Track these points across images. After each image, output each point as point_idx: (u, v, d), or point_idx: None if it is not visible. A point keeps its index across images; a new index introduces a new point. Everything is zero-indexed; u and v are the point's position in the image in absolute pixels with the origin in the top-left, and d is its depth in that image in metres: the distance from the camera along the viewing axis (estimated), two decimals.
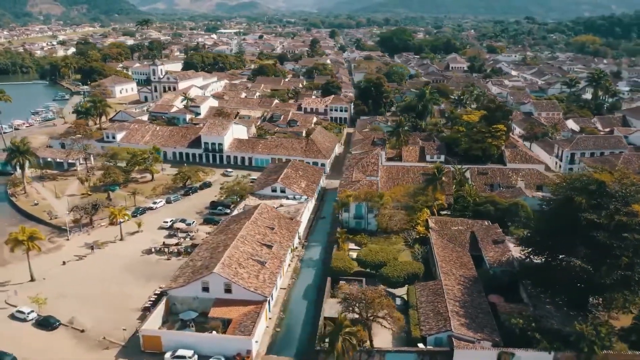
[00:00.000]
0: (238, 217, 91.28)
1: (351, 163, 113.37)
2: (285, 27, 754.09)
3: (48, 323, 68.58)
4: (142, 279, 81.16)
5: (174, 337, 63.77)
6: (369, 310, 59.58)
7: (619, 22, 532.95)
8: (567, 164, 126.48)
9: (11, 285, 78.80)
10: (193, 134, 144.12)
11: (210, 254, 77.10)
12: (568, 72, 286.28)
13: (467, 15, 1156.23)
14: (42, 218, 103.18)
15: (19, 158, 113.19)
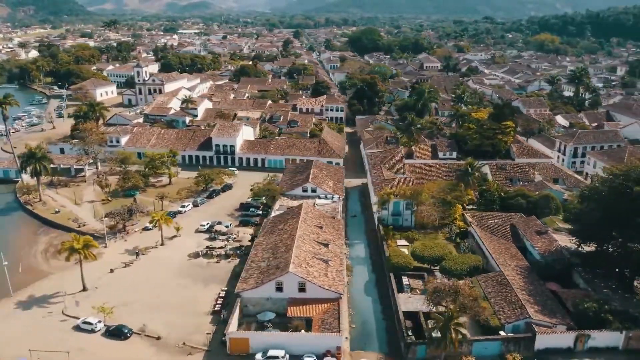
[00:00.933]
0: (283, 218, 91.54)
1: (375, 161, 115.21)
2: (245, 27, 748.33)
3: (120, 332, 67.06)
4: (199, 282, 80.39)
5: (263, 338, 63.85)
6: (458, 302, 61.50)
7: (571, 21, 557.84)
8: (571, 157, 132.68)
9: (63, 296, 76.19)
10: (202, 136, 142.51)
11: (271, 255, 77.27)
12: (537, 70, 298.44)
13: (420, 15, 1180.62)
14: (69, 226, 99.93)
15: (36, 165, 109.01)
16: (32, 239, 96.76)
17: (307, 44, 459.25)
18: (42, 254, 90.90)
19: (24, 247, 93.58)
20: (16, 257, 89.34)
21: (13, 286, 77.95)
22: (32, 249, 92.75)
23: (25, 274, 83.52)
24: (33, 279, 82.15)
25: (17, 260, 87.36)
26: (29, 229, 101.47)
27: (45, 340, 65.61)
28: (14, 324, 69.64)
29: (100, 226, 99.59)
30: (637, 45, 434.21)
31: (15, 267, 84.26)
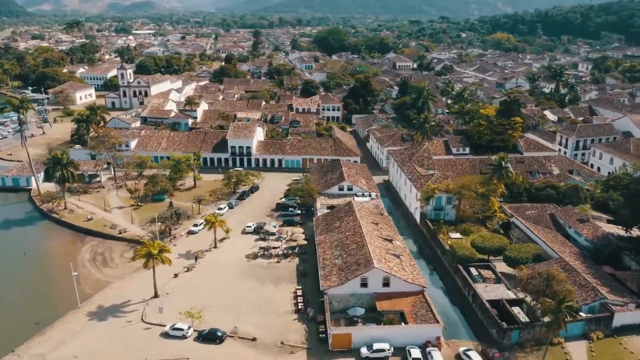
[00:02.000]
0: (334, 216, 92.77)
1: (402, 159, 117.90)
2: (201, 27, 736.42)
3: (215, 336, 66.58)
4: (268, 283, 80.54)
5: (365, 333, 65.12)
6: (549, 287, 64.96)
7: (521, 20, 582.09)
8: (573, 150, 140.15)
9: (142, 303, 74.84)
10: (215, 138, 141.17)
11: (343, 252, 78.50)
12: (505, 67, 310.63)
13: (369, 15, 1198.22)
14: (108, 233, 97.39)
15: (62, 171, 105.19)
16: (71, 248, 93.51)
17: (272, 44, 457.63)
18: (90, 262, 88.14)
19: (67, 256, 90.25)
20: (64, 267, 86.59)
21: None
22: (77, 258, 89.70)
23: (82, 283, 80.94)
24: (92, 288, 79.85)
25: (70, 270, 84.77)
26: (64, 238, 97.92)
27: (139, 350, 64.45)
28: (97, 337, 67.68)
29: (141, 232, 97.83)
30: (587, 43, 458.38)
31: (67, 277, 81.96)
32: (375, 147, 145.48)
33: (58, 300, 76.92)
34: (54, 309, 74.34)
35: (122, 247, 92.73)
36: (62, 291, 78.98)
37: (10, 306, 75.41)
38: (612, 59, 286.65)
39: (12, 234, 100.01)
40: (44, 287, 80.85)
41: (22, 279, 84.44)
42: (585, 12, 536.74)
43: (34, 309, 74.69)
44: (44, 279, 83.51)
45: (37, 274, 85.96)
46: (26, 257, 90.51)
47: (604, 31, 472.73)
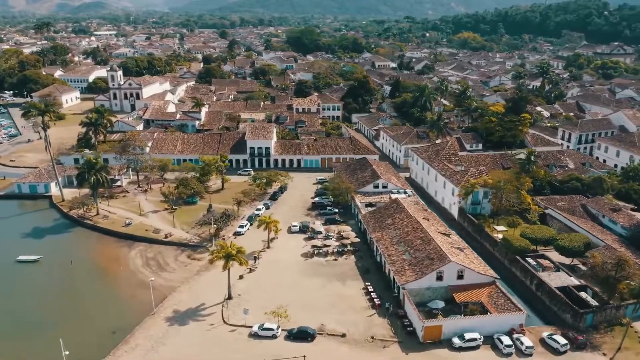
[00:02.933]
0: (383, 213, 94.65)
1: (427, 155, 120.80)
2: (164, 27, 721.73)
3: (306, 334, 67.30)
4: (334, 280, 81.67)
5: (455, 324, 67.34)
6: (620, 271, 68.99)
7: (483, 20, 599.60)
8: (577, 144, 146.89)
9: (211, 306, 74.61)
10: (231, 140, 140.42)
11: (409, 248, 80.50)
12: (480, 66, 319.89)
13: (327, 15, 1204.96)
14: (153, 237, 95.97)
15: (96, 175, 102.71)
16: (119, 254, 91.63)
17: (242, 45, 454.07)
18: (145, 268, 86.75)
19: (117, 263, 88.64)
20: (122, 274, 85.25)
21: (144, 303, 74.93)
22: (129, 264, 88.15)
23: (145, 288, 79.76)
24: (159, 293, 78.69)
25: (128, 276, 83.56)
26: (106, 245, 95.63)
27: (235, 353, 64.64)
28: (185, 342, 67.12)
29: (186, 235, 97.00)
30: (548, 41, 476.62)
31: (129, 283, 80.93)
32: (388, 145, 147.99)
33: (128, 307, 75.69)
34: (126, 316, 73.17)
35: (173, 251, 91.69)
36: (129, 298, 77.95)
37: (82, 316, 73.50)
38: (584, 57, 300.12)
39: (48, 243, 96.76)
40: (108, 294, 79.08)
41: (81, 287, 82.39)
42: (544, 11, 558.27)
43: (105, 317, 73.18)
44: (105, 287, 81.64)
45: (96, 282, 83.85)
46: (73, 265, 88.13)
47: (563, 30, 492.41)
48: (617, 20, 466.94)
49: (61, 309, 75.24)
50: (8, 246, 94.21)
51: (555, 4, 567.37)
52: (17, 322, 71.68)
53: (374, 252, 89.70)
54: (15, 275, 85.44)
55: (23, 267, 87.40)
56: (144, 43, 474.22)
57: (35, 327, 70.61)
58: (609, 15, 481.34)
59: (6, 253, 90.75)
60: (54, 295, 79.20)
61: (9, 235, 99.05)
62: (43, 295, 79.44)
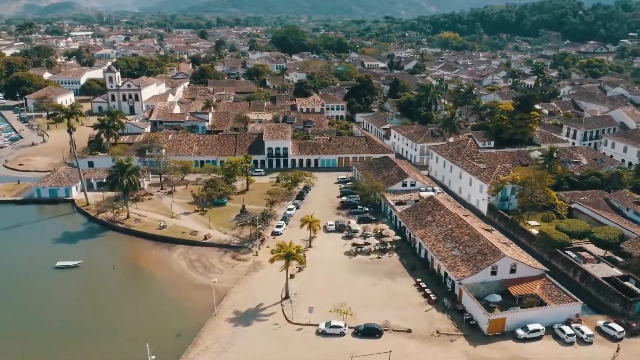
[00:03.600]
0: (421, 210, 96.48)
1: (450, 153, 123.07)
2: (141, 27, 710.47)
3: (375, 331, 68.37)
4: (384, 277, 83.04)
5: (517, 316, 69.41)
6: None
7: (459, 19, 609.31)
8: (582, 140, 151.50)
9: (271, 306, 75.07)
10: (247, 141, 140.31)
11: (456, 244, 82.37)
12: (467, 66, 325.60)
13: (301, 15, 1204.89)
14: (192, 239, 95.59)
15: (128, 178, 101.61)
16: (160, 257, 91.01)
17: (229, 45, 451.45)
18: (192, 270, 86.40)
19: (161, 266, 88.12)
20: (163, 276, 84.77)
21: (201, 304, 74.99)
22: (174, 266, 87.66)
23: (197, 290, 79.75)
24: (212, 295, 78.62)
25: (175, 279, 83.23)
26: (144, 248, 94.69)
27: (309, 351, 65.44)
28: (255, 342, 67.31)
29: (223, 236, 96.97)
30: (525, 40, 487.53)
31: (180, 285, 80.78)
32: (401, 144, 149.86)
33: (184, 309, 75.38)
34: (185, 318, 72.95)
35: (216, 253, 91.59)
36: (183, 300, 77.60)
37: (140, 320, 72.99)
38: (570, 56, 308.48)
39: (83, 248, 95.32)
40: (160, 297, 78.54)
41: (130, 291, 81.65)
42: (519, 11, 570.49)
43: (164, 320, 72.78)
44: (155, 290, 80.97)
45: (145, 285, 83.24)
46: (115, 269, 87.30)
47: (540, 29, 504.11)
48: (592, 19, 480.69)
49: (118, 314, 74.48)
50: (42, 252, 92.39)
51: (530, 4, 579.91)
52: (76, 328, 70.78)
53: (416, 249, 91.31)
54: (60, 282, 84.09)
55: (64, 273, 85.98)
56: (124, 44, 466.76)
57: (97, 332, 69.84)
58: (584, 15, 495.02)
59: (43, 259, 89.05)
60: (107, 301, 78.14)
61: (39, 241, 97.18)
62: (96, 301, 78.50)
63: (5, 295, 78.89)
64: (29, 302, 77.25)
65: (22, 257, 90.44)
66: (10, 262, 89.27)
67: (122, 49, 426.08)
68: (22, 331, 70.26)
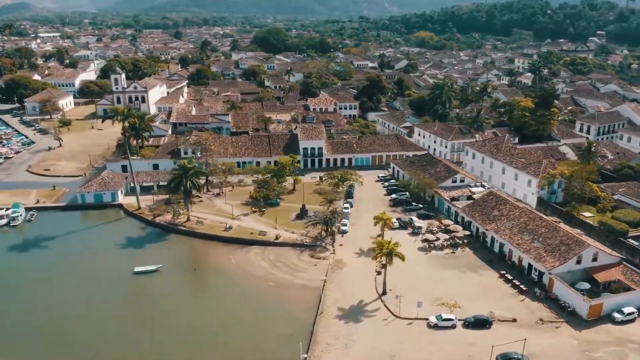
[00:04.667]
0: (484, 205, 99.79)
1: (489, 149, 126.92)
2: (110, 28, 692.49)
3: (485, 322, 70.84)
4: (467, 271, 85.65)
5: (613, 301, 73.38)
6: None
7: (431, 19, 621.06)
8: (596, 135, 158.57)
9: (371, 302, 76.65)
10: (280, 141, 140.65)
11: (534, 236, 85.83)
12: (454, 64, 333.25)
13: (266, 15, 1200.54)
14: (263, 240, 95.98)
15: (191, 181, 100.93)
16: (237, 258, 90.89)
17: (211, 45, 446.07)
18: (275, 269, 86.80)
19: (243, 267, 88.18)
20: (248, 277, 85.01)
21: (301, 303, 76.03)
22: (255, 267, 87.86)
23: (290, 289, 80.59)
24: (309, 292, 79.56)
25: (263, 279, 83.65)
26: (216, 250, 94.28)
27: (429, 344, 67.32)
28: (374, 337, 68.60)
29: (292, 235, 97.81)
30: (498, 39, 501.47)
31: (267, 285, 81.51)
32: (428, 141, 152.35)
33: (285, 308, 75.98)
34: (291, 318, 73.60)
35: (292, 252, 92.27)
36: (281, 299, 78.11)
37: (246, 321, 73.22)
38: (555, 54, 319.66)
39: (153, 252, 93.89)
40: (256, 298, 78.74)
41: (227, 293, 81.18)
42: (489, 10, 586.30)
43: (270, 319, 73.28)
44: (247, 291, 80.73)
45: (235, 286, 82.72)
46: (197, 272, 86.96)
47: (510, 28, 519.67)
48: (561, 18, 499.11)
49: (221, 316, 74.47)
50: (115, 258, 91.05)
51: (499, 4, 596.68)
52: (202, 331, 70.61)
53: (486, 243, 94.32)
54: (144, 287, 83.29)
55: (146, 278, 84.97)
56: (98, 45, 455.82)
57: (214, 336, 69.88)
58: (553, 14, 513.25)
59: (120, 266, 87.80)
60: (209, 304, 77.95)
61: (106, 248, 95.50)
62: (198, 304, 78.17)
63: (107, 305, 77.56)
64: (135, 309, 77.68)
65: (98, 264, 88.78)
66: (87, 269, 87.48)
67: (96, 50, 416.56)
68: (152, 336, 69.66)
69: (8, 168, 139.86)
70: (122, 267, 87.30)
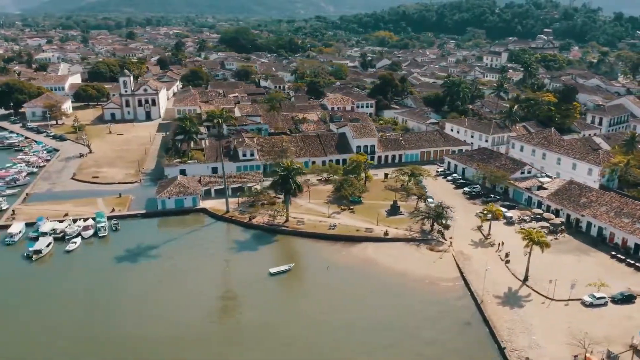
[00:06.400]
0: (569, 193, 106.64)
1: (539, 142, 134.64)
2: (44, 31, 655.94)
3: (632, 297, 76.97)
4: (579, 253, 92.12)
5: None
6: None
7: (382, 19, 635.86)
8: (608, 127, 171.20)
9: (520, 288, 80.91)
10: (331, 141, 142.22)
11: (635, 219, 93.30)
12: (430, 62, 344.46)
13: (205, 15, 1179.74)
14: (373, 236, 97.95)
15: (294, 181, 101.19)
16: (357, 255, 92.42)
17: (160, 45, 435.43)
18: (401, 263, 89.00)
19: (369, 263, 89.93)
20: (383, 272, 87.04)
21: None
22: (383, 263, 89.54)
23: (427, 281, 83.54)
24: (447, 285, 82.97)
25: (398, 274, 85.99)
26: (330, 248, 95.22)
27: (598, 318, 72.45)
28: (549, 318, 72.79)
29: (396, 231, 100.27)
30: (452, 38, 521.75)
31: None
32: (464, 136, 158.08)
33: (440, 299, 78.97)
34: (456, 308, 76.91)
35: (407, 247, 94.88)
36: (429, 291, 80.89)
37: (417, 312, 75.64)
38: (528, 51, 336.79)
39: (270, 253, 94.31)
40: (407, 291, 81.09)
41: (373, 288, 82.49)
42: (439, 10, 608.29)
43: (437, 310, 76.04)
44: (389, 287, 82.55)
45: (379, 281, 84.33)
46: (330, 270, 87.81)
47: (461, 27, 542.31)
48: (510, 17, 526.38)
49: (386, 310, 76.21)
50: (243, 262, 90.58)
51: (448, 4, 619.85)
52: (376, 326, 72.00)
53: (580, 228, 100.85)
54: (291, 286, 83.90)
55: (284, 279, 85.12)
56: (52, 46, 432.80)
57: (395, 329, 71.67)
58: (502, 13, 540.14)
59: (253, 268, 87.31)
60: (362, 301, 78.98)
61: (217, 252, 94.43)
62: (355, 301, 78.97)
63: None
64: (304, 308, 77.96)
65: (232, 268, 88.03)
66: (217, 273, 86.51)
67: (51, 52, 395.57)
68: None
69: (49, 177, 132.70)
70: (256, 269, 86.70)
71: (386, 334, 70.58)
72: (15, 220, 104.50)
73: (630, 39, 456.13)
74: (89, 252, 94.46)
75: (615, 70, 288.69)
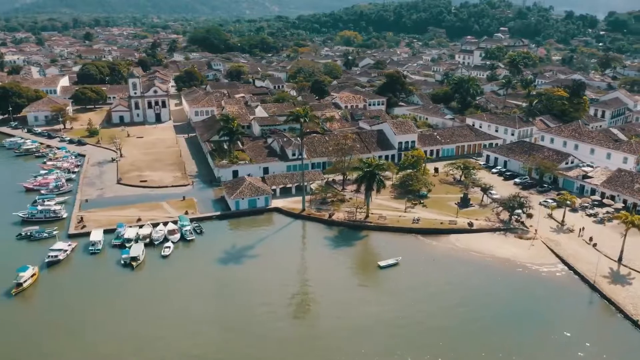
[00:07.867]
0: (623, 180, 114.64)
1: (569, 134, 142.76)
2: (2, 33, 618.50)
3: None
4: None
5: None
6: None
7: (340, 18, 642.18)
8: (610, 119, 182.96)
9: (618, 268, 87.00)
10: (371, 138, 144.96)
11: None
12: (408, 61, 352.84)
13: (150, 15, 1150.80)
14: (458, 228, 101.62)
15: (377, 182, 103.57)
16: (451, 248, 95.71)
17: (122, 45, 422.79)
18: (501, 253, 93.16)
19: (470, 254, 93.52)
20: (492, 262, 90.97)
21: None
22: (484, 252, 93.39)
23: (533, 268, 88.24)
24: (551, 270, 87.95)
25: (504, 262, 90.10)
26: (422, 241, 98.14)
27: None
28: None
29: (480, 222, 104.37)
30: (414, 38, 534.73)
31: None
32: (487, 130, 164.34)
33: (553, 284, 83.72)
34: (573, 291, 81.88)
35: (496, 237, 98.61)
36: (541, 277, 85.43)
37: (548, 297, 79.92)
38: (503, 50, 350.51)
39: (367, 247, 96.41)
40: (529, 279, 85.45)
41: (492, 275, 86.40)
42: (396, 9, 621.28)
43: (551, 291, 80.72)
44: (510, 274, 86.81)
45: (492, 269, 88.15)
46: (435, 262, 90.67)
47: (420, 26, 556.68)
48: (466, 16, 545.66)
49: (519, 298, 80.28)
50: (353, 256, 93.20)
51: (405, 3, 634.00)
52: None
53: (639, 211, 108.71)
54: (411, 279, 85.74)
55: (394, 271, 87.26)
56: (10, 49, 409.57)
57: None
58: (458, 12, 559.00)
59: (363, 262, 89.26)
60: (489, 290, 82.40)
61: (317, 248, 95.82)
62: (486, 291, 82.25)
63: None
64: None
65: (341, 264, 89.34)
66: (329, 270, 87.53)
67: (12, 54, 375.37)
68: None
69: (93, 183, 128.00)
70: (364, 263, 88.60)
71: (528, 319, 74.43)
72: (85, 227, 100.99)
73: (582, 36, 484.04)
74: (185, 255, 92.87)
75: (588, 66, 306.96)
